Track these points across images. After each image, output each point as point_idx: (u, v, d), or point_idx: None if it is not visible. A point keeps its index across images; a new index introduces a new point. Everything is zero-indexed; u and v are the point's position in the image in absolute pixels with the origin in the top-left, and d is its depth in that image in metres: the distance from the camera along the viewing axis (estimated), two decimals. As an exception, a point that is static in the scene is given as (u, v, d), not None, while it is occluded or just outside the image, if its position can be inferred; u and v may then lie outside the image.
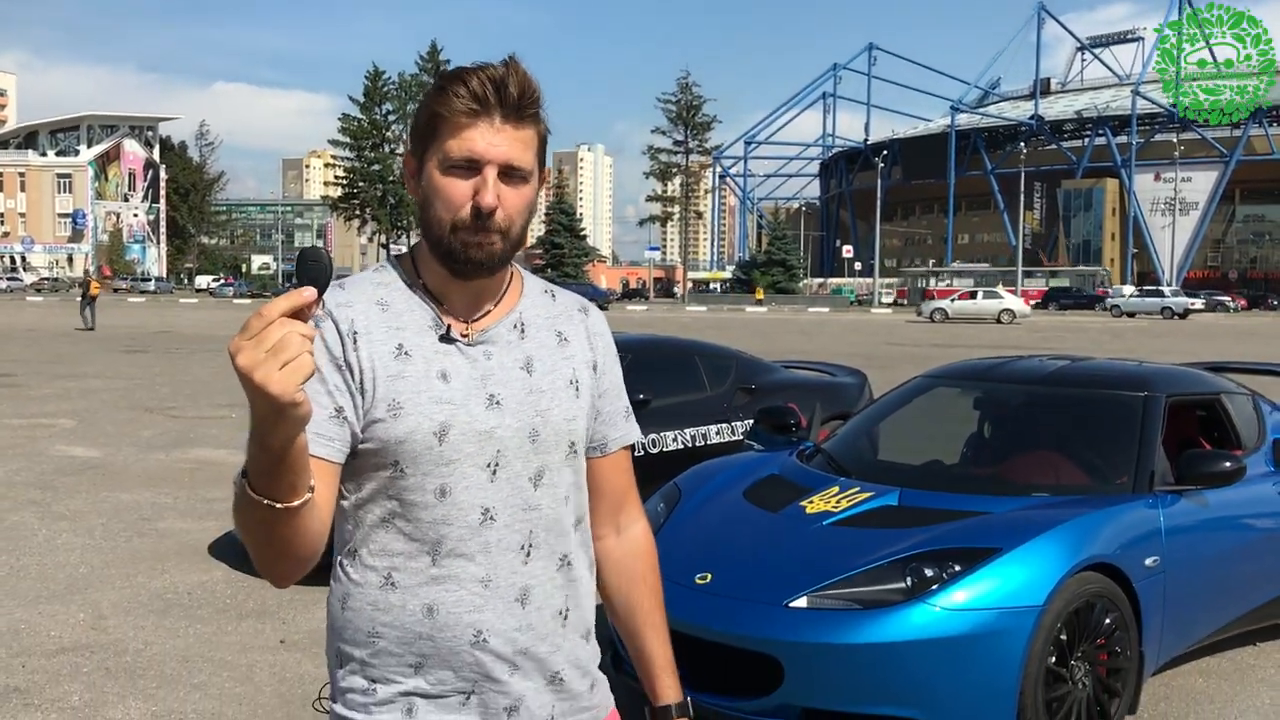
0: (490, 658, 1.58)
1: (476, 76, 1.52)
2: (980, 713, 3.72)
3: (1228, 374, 6.41)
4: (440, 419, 1.54)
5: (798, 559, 4.08)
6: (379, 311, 1.58)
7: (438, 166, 1.55)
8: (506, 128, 1.53)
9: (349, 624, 1.60)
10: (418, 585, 1.57)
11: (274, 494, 1.34)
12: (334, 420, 1.52)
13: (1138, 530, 4.22)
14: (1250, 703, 4.58)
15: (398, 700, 1.58)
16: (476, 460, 1.56)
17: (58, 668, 4.87)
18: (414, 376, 1.55)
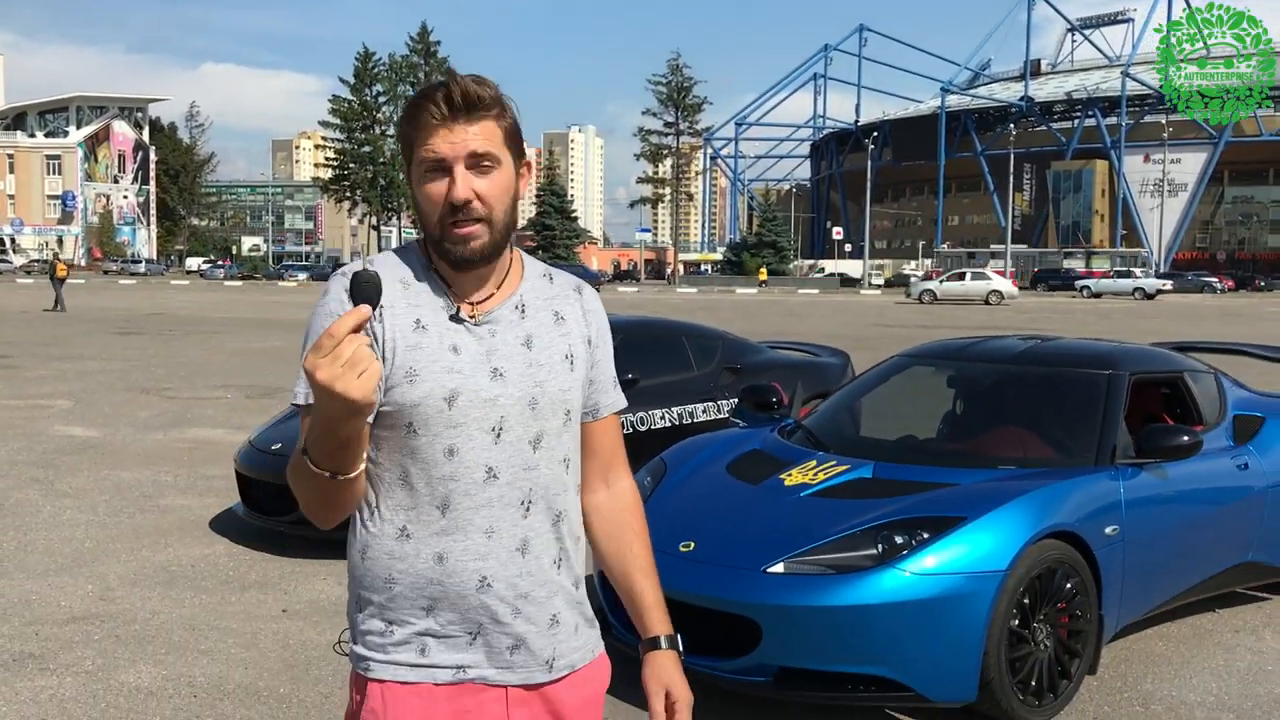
0: (494, 601, 1.77)
1: (428, 95, 1.73)
2: (947, 671, 3.96)
3: (1194, 353, 6.65)
4: (451, 386, 1.74)
5: (776, 528, 4.30)
6: (401, 289, 1.78)
7: (419, 178, 1.75)
8: (461, 127, 1.72)
9: (368, 572, 1.80)
10: (429, 535, 1.76)
11: (337, 468, 1.58)
12: None
13: (1098, 501, 4.45)
14: (1205, 664, 4.83)
15: (412, 640, 1.78)
16: (482, 424, 1.76)
17: (70, 635, 5.08)
18: (429, 348, 1.75)
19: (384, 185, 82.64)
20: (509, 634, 1.79)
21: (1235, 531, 5.18)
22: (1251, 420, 5.54)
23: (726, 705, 4.22)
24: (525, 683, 1.82)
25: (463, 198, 1.71)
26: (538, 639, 1.81)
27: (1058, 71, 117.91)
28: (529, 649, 1.81)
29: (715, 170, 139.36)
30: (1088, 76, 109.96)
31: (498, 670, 1.80)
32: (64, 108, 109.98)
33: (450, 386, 1.74)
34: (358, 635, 1.83)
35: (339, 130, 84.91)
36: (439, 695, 1.78)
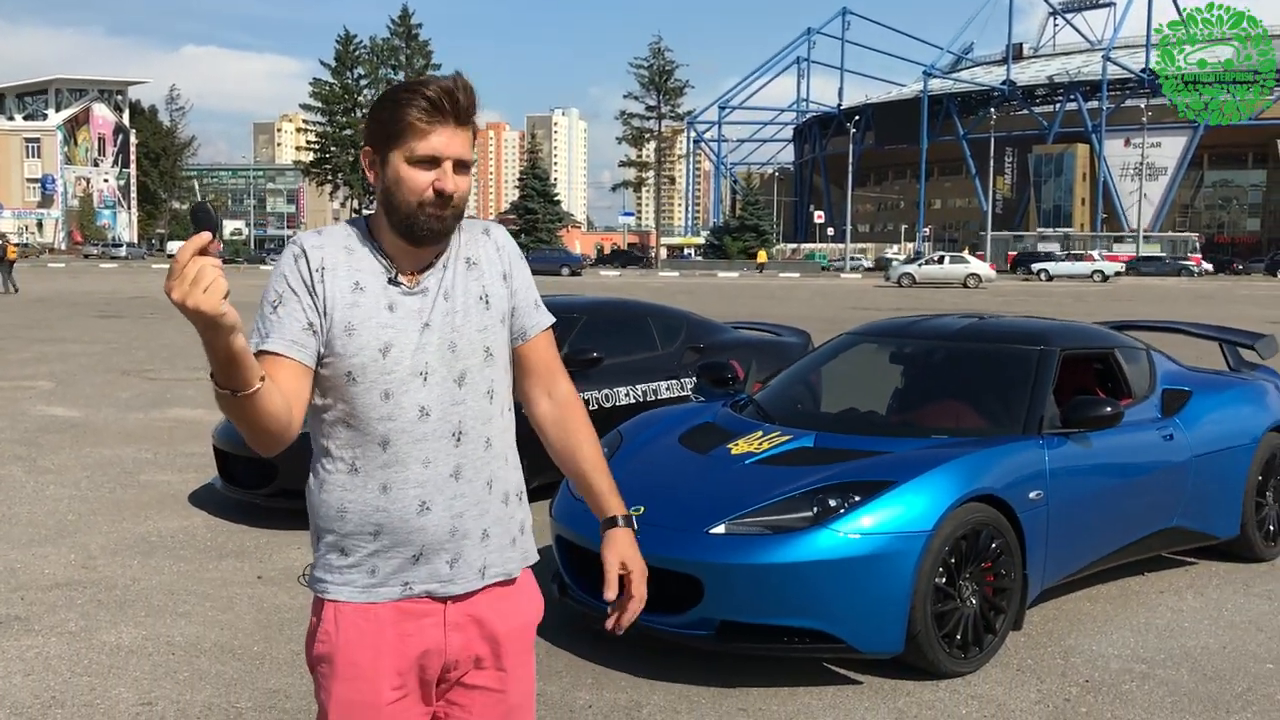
0: (432, 522, 2.03)
1: (433, 88, 1.97)
2: (875, 624, 4.24)
3: (1134, 331, 6.95)
4: (385, 339, 2.00)
5: (720, 493, 4.58)
6: (345, 255, 2.04)
7: (404, 160, 1.98)
8: (456, 130, 1.99)
9: (324, 504, 2.06)
10: (374, 469, 2.02)
11: (234, 385, 1.80)
12: (306, 331, 1.99)
13: (1024, 468, 4.74)
14: (1127, 621, 5.14)
15: (364, 562, 2.04)
16: (411, 370, 2.01)
17: (53, 600, 5.33)
18: (366, 306, 2.00)
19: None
20: (447, 549, 2.04)
21: (1159, 498, 5.48)
22: (1179, 394, 5.84)
23: (670, 658, 4.51)
24: (464, 591, 2.06)
25: (450, 190, 1.99)
26: (472, 551, 2.06)
27: (1040, 55, 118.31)
28: (465, 561, 2.06)
29: (699, 154, 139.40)
30: (1069, 60, 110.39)
31: (440, 584, 2.05)
32: (43, 90, 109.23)
33: (384, 339, 1.99)
34: (319, 563, 2.09)
35: (320, 113, 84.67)
36: (385, 618, 2.03)
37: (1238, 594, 5.57)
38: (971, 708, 4.17)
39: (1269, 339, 6.87)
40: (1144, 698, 4.28)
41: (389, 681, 2.04)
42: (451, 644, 2.07)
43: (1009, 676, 4.47)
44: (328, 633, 2.05)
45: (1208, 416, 5.82)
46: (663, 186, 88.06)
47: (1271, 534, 6.12)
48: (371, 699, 2.04)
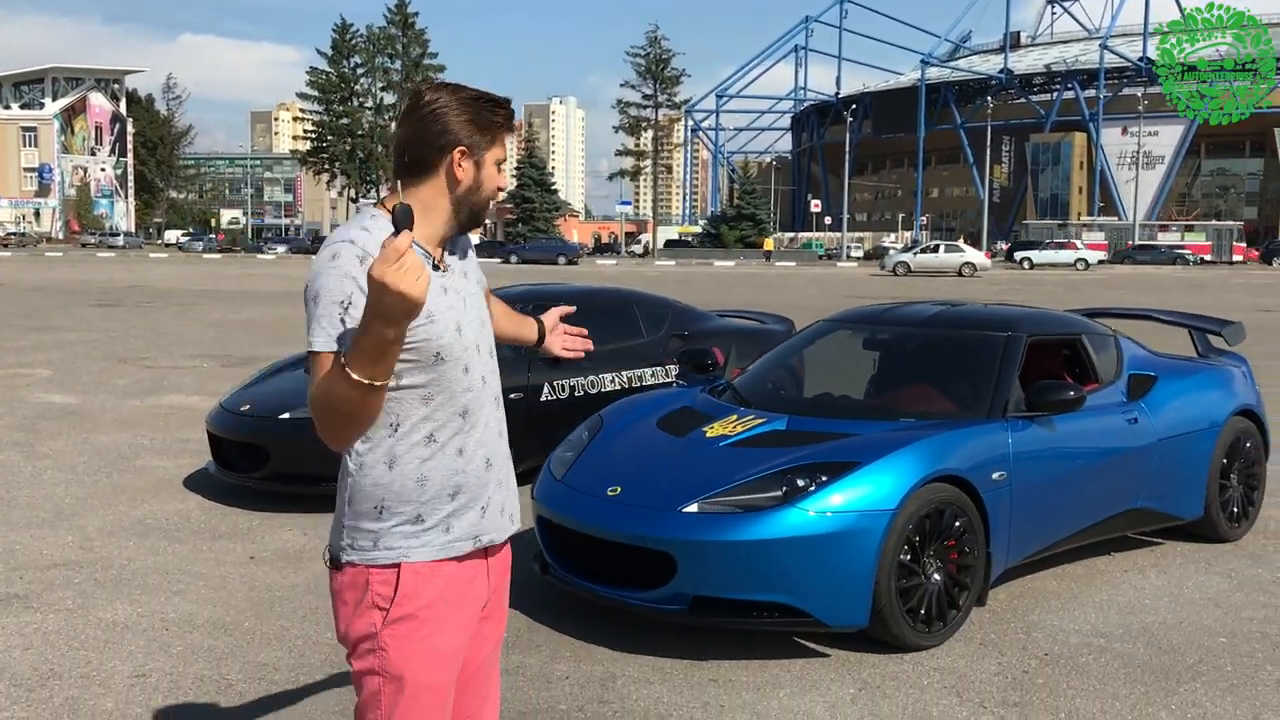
0: (493, 475, 2.32)
1: (503, 105, 2.28)
2: (841, 599, 4.42)
3: (1107, 319, 7.12)
4: (455, 319, 2.23)
5: (694, 474, 4.75)
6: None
7: (493, 165, 2.27)
8: (510, 135, 2.33)
9: (397, 479, 2.20)
10: (451, 436, 2.24)
11: (375, 376, 1.96)
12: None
13: (987, 450, 4.91)
14: (1090, 599, 5.32)
15: (441, 523, 2.24)
16: (473, 343, 2.27)
17: (51, 579, 5.50)
18: (433, 294, 2.15)
19: (362, 158, 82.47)
20: (497, 499, 2.34)
21: (1124, 480, 5.65)
22: (1145, 379, 6.01)
23: (645, 632, 4.69)
24: (504, 538, 2.38)
25: (503, 185, 2.33)
26: (508, 501, 2.39)
27: (1037, 44, 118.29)
28: (507, 510, 2.38)
29: (696, 142, 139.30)
30: (1067, 49, 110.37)
31: (495, 531, 2.34)
32: (39, 79, 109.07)
33: (455, 320, 2.23)
34: (378, 539, 2.21)
35: (317, 102, 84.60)
36: (451, 570, 2.25)
37: (1200, 572, 5.75)
38: (933, 679, 4.35)
39: (1236, 326, 7.04)
40: (1099, 670, 4.45)
41: (458, 631, 2.27)
42: (493, 579, 2.39)
43: (971, 650, 4.65)
44: (406, 596, 2.20)
45: (1173, 401, 5.99)
46: (660, 175, 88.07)
47: (1235, 515, 6.29)
48: (445, 649, 2.24)
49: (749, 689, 4.24)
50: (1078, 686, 4.28)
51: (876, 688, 4.26)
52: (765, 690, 4.22)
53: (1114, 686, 4.28)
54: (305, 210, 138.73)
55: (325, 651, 4.56)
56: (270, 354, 14.45)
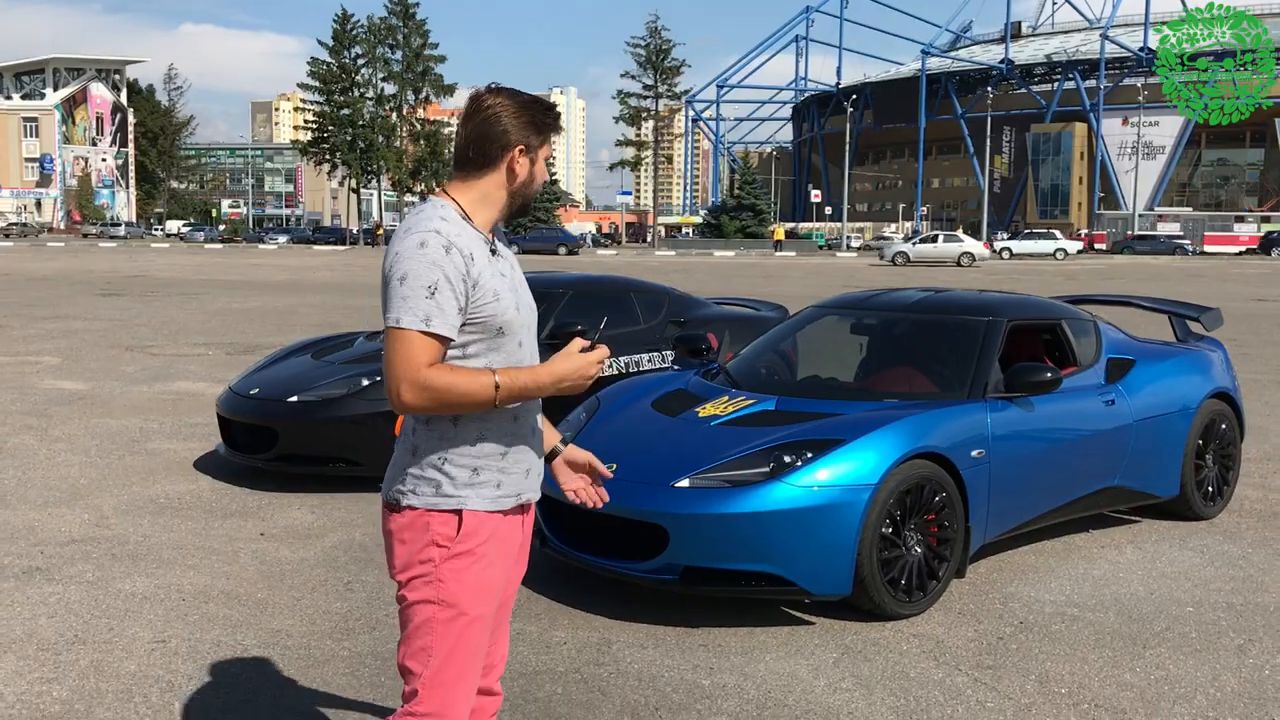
0: (537, 441, 2.64)
1: (555, 110, 2.59)
2: (826, 568, 4.65)
3: (1089, 305, 7.34)
4: (513, 299, 2.53)
5: (686, 451, 4.98)
6: (471, 238, 2.48)
7: (541, 159, 2.58)
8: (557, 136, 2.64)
9: (459, 434, 2.50)
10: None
11: (507, 403, 2.45)
12: (459, 315, 2.41)
13: (967, 428, 5.13)
14: (1067, 572, 5.55)
15: (493, 478, 2.53)
16: (526, 322, 2.59)
17: (71, 554, 5.73)
18: (491, 274, 2.49)
19: (363, 148, 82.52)
20: (537, 465, 2.65)
21: (1100, 459, 5.88)
22: (1123, 363, 6.24)
23: (638, 600, 4.92)
24: (539, 498, 2.69)
25: (546, 178, 2.64)
26: (541, 465, 2.69)
27: (1038, 34, 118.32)
28: (537, 469, 2.66)
29: (697, 133, 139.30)
30: (1067, 39, 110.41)
31: (533, 492, 2.64)
32: (40, 69, 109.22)
33: (513, 299, 2.53)
34: (442, 487, 2.50)
35: (318, 93, 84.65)
36: (506, 521, 2.57)
37: (1174, 548, 5.98)
38: (912, 644, 4.58)
39: (1214, 312, 7.26)
40: (1071, 636, 4.69)
41: (502, 570, 2.58)
42: (526, 531, 2.70)
43: (950, 618, 4.89)
44: (468, 535, 2.50)
45: (1150, 384, 6.22)
46: (660, 166, 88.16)
47: (1210, 494, 6.52)
48: (492, 583, 2.55)
49: (737, 653, 4.47)
50: (1049, 651, 4.52)
51: (858, 652, 4.49)
52: (753, 654, 4.46)
53: (1084, 651, 4.52)
54: (306, 201, 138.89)
55: (335, 620, 4.79)
56: (274, 342, 14.70)
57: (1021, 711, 3.95)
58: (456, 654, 2.51)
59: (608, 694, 4.07)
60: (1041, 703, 4.02)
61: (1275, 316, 21.80)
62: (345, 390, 7.06)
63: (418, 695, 2.52)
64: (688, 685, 4.15)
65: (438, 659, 2.50)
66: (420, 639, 2.51)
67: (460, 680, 2.53)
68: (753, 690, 4.11)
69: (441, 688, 2.51)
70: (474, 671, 2.55)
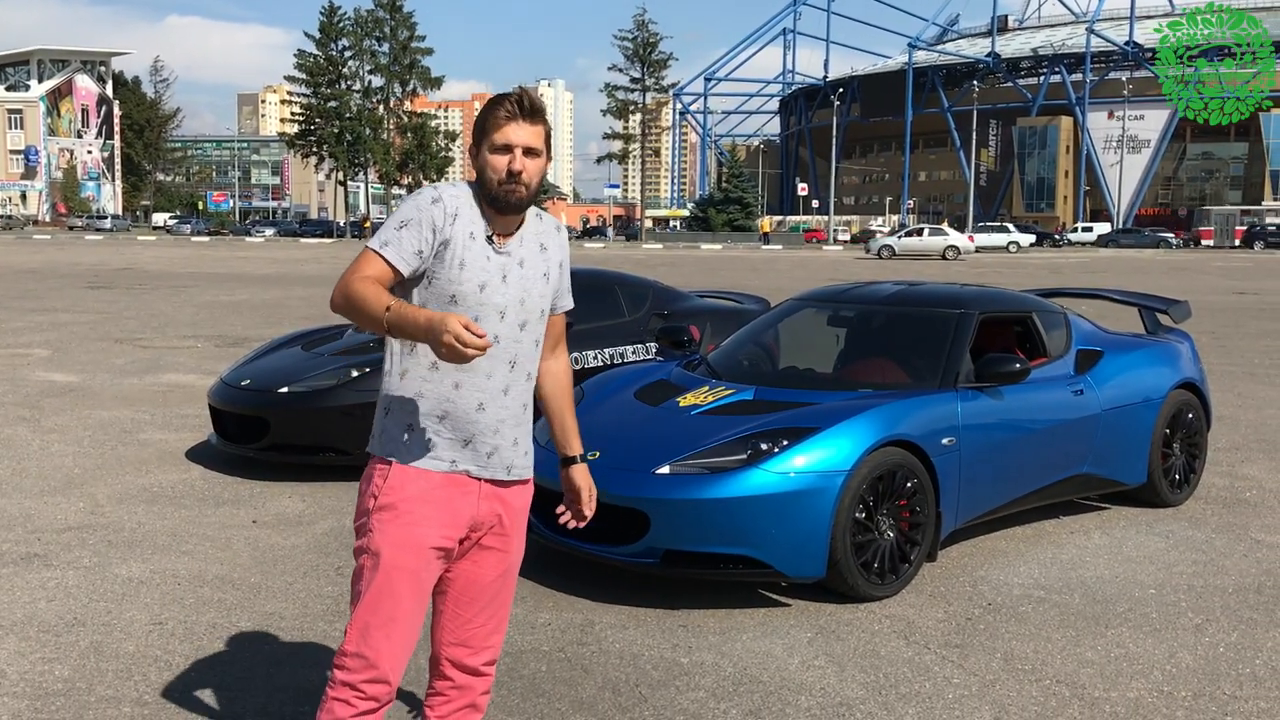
0: (484, 419, 2.71)
1: (509, 99, 2.66)
2: (800, 552, 4.82)
3: (1062, 298, 7.53)
4: (483, 279, 2.68)
5: (667, 439, 5.14)
6: (469, 208, 2.69)
7: (488, 150, 2.65)
8: (525, 125, 2.66)
9: (403, 389, 2.69)
10: (451, 370, 2.67)
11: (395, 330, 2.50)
12: (415, 255, 2.62)
13: (938, 417, 5.31)
14: (1035, 556, 5.74)
15: (428, 439, 2.69)
16: (494, 308, 2.69)
17: (68, 540, 5.88)
18: (475, 251, 2.67)
19: (351, 140, 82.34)
20: (489, 444, 2.73)
21: (1069, 447, 6.07)
22: (1092, 354, 6.43)
23: (620, 583, 5.09)
24: (492, 478, 2.75)
25: (519, 169, 2.65)
26: (505, 452, 2.76)
27: (1024, 28, 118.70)
28: (499, 457, 2.75)
29: (685, 126, 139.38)
30: (1054, 33, 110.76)
31: (477, 467, 2.73)
32: (25, 61, 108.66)
33: (482, 279, 2.68)
34: (385, 437, 2.72)
35: (305, 85, 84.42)
36: (435, 482, 2.70)
37: (1140, 534, 6.17)
38: (884, 625, 4.76)
39: (1182, 304, 7.46)
40: (1037, 617, 4.87)
41: (435, 532, 2.69)
42: (480, 510, 2.76)
43: (921, 600, 5.07)
44: (392, 488, 2.68)
45: (1118, 375, 6.41)
46: (648, 159, 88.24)
47: (1177, 482, 6.72)
48: (418, 539, 2.67)
49: (715, 633, 4.64)
50: (1015, 631, 4.70)
51: (831, 632, 4.67)
52: (730, 634, 4.63)
53: (1048, 631, 4.70)
54: (293, 193, 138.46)
55: (327, 603, 4.95)
56: (263, 334, 14.82)
57: (986, 687, 4.13)
58: (381, 603, 2.67)
59: (590, 671, 4.24)
60: (1005, 678, 4.20)
61: (1253, 309, 22.10)
62: (335, 381, 7.21)
63: (345, 636, 2.73)
64: (667, 663, 4.32)
65: (363, 605, 2.68)
66: (355, 585, 2.74)
67: (384, 628, 2.67)
68: (729, 668, 4.28)
69: (365, 632, 2.68)
70: (401, 623, 2.68)
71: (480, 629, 2.88)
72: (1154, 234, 69.23)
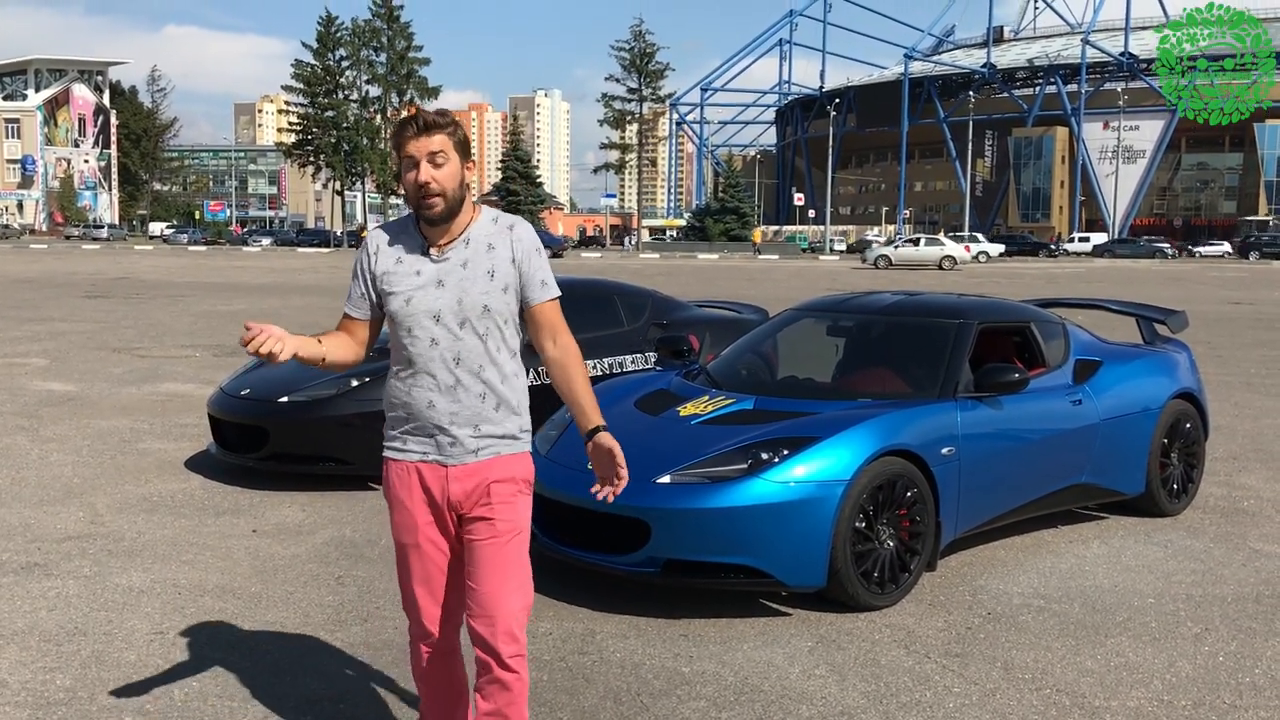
0: (437, 415, 2.97)
1: (408, 119, 2.89)
2: (800, 561, 4.83)
3: (1060, 308, 7.55)
4: (409, 294, 2.95)
5: (667, 449, 5.15)
6: (394, 237, 3.02)
7: (403, 169, 2.90)
8: (423, 137, 2.87)
9: (386, 398, 3.09)
10: (407, 377, 3.01)
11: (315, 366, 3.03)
12: (362, 298, 3.04)
13: (937, 427, 5.33)
14: (1034, 566, 5.75)
15: (401, 436, 3.06)
16: (427, 314, 2.94)
17: (68, 550, 5.87)
18: (401, 273, 2.98)
19: (348, 150, 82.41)
20: (448, 436, 2.98)
21: (1067, 457, 6.08)
22: (1091, 364, 6.45)
23: (621, 593, 5.10)
24: (460, 463, 2.99)
25: (423, 180, 2.85)
26: (468, 440, 2.98)
27: (1020, 38, 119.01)
28: (461, 445, 2.99)
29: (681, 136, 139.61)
30: (1049, 44, 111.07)
31: (442, 456, 3.00)
32: (22, 71, 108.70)
33: (408, 295, 2.96)
34: (385, 435, 3.11)
35: (302, 95, 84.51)
36: (411, 469, 3.04)
37: (1139, 543, 6.19)
38: (884, 634, 4.77)
39: (1179, 315, 7.48)
40: (1037, 626, 4.88)
41: (421, 514, 3.05)
42: (453, 490, 3.01)
43: (921, 609, 5.08)
44: (387, 481, 3.11)
45: (1116, 384, 6.42)
46: (644, 169, 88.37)
47: (1175, 491, 6.73)
48: (412, 522, 3.06)
49: (716, 642, 4.65)
50: (1015, 640, 4.71)
51: (832, 641, 4.68)
52: (731, 644, 4.64)
53: (1048, 640, 4.71)
54: (290, 203, 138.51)
55: (328, 612, 4.95)
56: (262, 344, 14.79)
57: (986, 696, 4.14)
58: (402, 574, 3.16)
59: (592, 681, 4.24)
60: (1005, 688, 4.21)
61: (1248, 319, 22.15)
62: (335, 390, 7.21)
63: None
64: (668, 672, 4.33)
65: (397, 577, 3.20)
66: None
67: (410, 595, 3.13)
68: (730, 677, 4.29)
69: (405, 597, 3.17)
70: (420, 586, 3.10)
71: (487, 596, 3.00)
72: (1150, 244, 69.34)
